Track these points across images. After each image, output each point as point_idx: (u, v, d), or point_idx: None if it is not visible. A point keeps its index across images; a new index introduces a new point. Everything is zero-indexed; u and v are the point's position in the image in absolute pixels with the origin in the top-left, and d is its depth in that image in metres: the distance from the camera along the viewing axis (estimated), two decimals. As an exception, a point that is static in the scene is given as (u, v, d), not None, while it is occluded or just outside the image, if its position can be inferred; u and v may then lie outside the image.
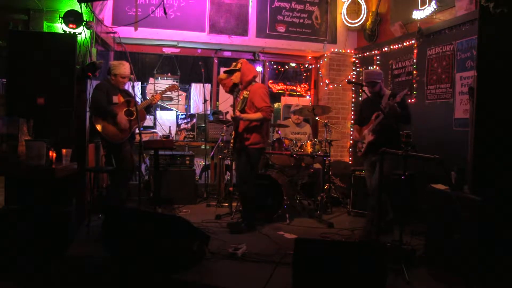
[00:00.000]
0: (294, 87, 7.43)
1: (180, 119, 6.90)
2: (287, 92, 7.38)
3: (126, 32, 5.80)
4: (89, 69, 4.34)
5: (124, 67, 4.73)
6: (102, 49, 5.66)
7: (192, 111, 6.97)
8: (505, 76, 3.19)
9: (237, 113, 4.36)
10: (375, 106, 4.25)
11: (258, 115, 4.34)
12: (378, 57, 6.37)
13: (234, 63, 4.57)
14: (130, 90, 4.98)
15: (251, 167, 4.46)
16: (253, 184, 4.50)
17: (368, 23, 6.56)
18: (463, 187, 3.35)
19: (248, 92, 4.41)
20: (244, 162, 4.45)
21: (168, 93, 5.15)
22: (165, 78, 6.85)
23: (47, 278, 3.11)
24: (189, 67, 7.03)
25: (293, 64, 7.34)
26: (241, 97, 4.48)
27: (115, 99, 4.66)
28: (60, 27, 4.36)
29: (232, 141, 4.51)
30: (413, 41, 5.58)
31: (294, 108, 5.97)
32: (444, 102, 4.99)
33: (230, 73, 4.57)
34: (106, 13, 5.88)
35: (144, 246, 3.19)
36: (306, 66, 7.37)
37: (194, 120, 6.90)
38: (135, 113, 4.56)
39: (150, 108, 5.15)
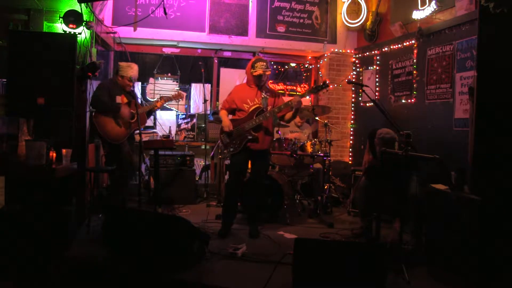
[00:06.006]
0: (294, 87, 7.42)
1: (180, 119, 6.90)
2: (287, 92, 7.38)
3: (126, 32, 5.81)
4: (89, 69, 4.34)
5: (132, 70, 4.73)
6: (102, 49, 5.66)
7: (192, 111, 6.97)
8: (505, 76, 3.19)
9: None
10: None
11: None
12: (378, 57, 6.37)
13: (264, 63, 4.20)
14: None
15: (267, 170, 4.56)
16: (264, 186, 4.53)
17: (368, 23, 6.56)
18: (463, 187, 3.35)
19: (268, 93, 4.27)
20: (263, 165, 4.39)
21: (168, 94, 5.13)
22: (165, 78, 6.85)
23: (47, 278, 3.11)
24: (189, 67, 7.02)
25: (293, 64, 7.34)
26: (262, 97, 4.23)
27: (118, 99, 4.67)
28: (60, 27, 4.36)
29: (235, 139, 4.25)
30: (413, 41, 5.57)
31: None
32: (444, 102, 4.99)
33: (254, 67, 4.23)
34: (106, 13, 5.88)
35: (144, 246, 3.20)
36: (306, 66, 7.37)
37: (194, 120, 6.89)
38: (136, 115, 4.57)
39: (151, 112, 5.16)
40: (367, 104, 6.56)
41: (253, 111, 4.23)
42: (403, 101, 5.72)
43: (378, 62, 6.36)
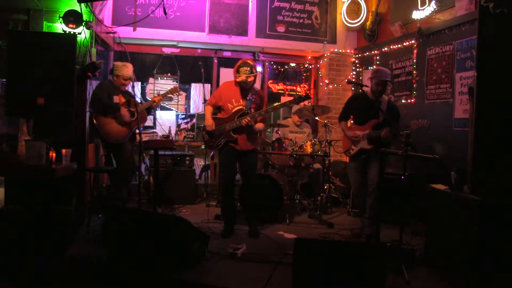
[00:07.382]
0: (294, 87, 7.42)
1: (180, 119, 6.90)
2: (287, 92, 7.38)
3: (126, 32, 5.80)
4: (89, 69, 4.34)
5: (127, 69, 4.75)
6: (102, 49, 5.66)
7: (192, 111, 6.97)
8: (505, 76, 3.19)
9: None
10: (373, 108, 4.19)
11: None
12: (378, 57, 6.37)
13: (248, 68, 4.14)
14: (130, 90, 4.99)
15: (255, 169, 4.53)
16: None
17: (368, 23, 6.56)
18: (463, 187, 3.35)
19: (254, 96, 4.25)
20: (252, 164, 4.39)
21: (169, 94, 5.16)
22: (165, 78, 6.85)
23: (47, 278, 3.11)
24: (189, 67, 7.02)
25: (293, 64, 7.34)
26: (247, 99, 4.22)
27: (116, 99, 4.70)
28: (60, 27, 4.36)
29: (219, 138, 4.26)
30: (413, 41, 5.58)
31: (295, 109, 5.96)
32: (444, 102, 4.99)
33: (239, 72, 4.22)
34: (106, 13, 5.88)
35: (144, 246, 3.20)
36: (306, 66, 7.37)
37: (194, 120, 6.89)
38: (135, 113, 4.57)
39: (151, 109, 5.18)
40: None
41: (235, 112, 4.20)
42: (403, 101, 5.72)
43: (378, 62, 6.36)
